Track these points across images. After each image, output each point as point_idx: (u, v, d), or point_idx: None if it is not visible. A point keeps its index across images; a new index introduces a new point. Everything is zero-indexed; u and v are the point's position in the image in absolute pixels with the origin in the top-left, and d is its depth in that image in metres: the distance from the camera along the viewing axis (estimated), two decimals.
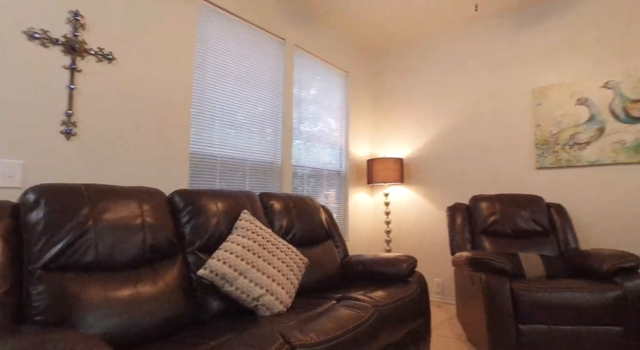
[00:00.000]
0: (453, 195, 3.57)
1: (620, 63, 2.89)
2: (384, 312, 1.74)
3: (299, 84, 3.33)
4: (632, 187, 2.79)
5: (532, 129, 3.22)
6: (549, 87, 3.14)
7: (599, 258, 2.23)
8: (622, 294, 2.05)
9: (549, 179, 3.11)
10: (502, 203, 2.84)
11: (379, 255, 2.34)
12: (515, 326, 2.07)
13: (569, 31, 3.09)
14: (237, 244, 1.68)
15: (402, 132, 3.97)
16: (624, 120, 2.85)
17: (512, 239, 2.73)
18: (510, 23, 3.37)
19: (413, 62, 3.94)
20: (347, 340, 1.43)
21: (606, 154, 2.89)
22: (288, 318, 1.55)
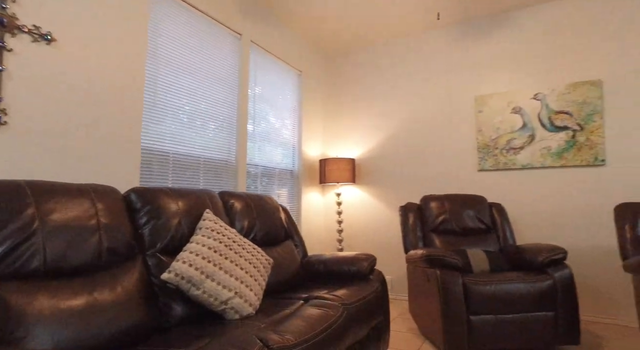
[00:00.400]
0: (402, 195, 3.73)
1: (546, 78, 3.22)
2: (351, 310, 1.76)
3: (255, 80, 3.25)
4: (556, 188, 3.13)
5: (474, 133, 3.47)
6: (490, 95, 3.42)
7: (534, 252, 2.47)
8: (552, 283, 2.28)
9: (490, 180, 3.37)
10: (450, 203, 3.02)
11: (339, 255, 2.36)
12: (467, 318, 2.22)
13: (506, 45, 3.39)
14: (202, 245, 1.59)
15: (354, 133, 4.06)
16: (550, 129, 3.19)
17: (460, 236, 2.91)
18: (457, 34, 3.60)
19: (366, 65, 4.05)
20: (322, 340, 1.42)
21: (536, 158, 3.21)
22: (258, 320, 1.50)
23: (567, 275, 2.32)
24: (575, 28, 3.15)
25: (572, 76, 3.15)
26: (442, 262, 2.31)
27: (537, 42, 3.28)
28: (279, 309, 1.66)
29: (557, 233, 3.10)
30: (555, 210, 3.12)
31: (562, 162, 3.12)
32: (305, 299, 1.84)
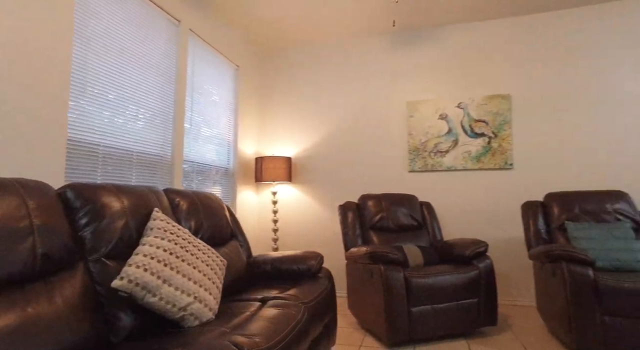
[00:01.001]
0: (338, 195, 3.82)
1: (467, 89, 3.59)
2: (311, 309, 1.76)
3: (193, 72, 3.06)
4: (475, 188, 3.50)
5: (406, 137, 3.71)
6: (420, 101, 3.68)
7: (461, 246, 2.73)
8: (478, 273, 2.56)
9: (419, 180, 3.64)
10: (386, 201, 3.19)
11: (287, 254, 2.34)
12: (408, 309, 2.37)
13: (434, 56, 3.69)
14: (156, 247, 1.45)
15: (290, 131, 4.05)
16: (470, 135, 3.55)
17: (395, 233, 3.09)
18: (392, 42, 3.81)
19: (304, 64, 4.07)
20: (290, 340, 1.40)
21: (459, 161, 3.55)
22: (220, 325, 1.42)
23: (489, 265, 2.61)
24: (490, 47, 3.56)
25: (487, 89, 3.55)
26: (386, 258, 2.43)
27: (460, 56, 3.63)
28: (238, 312, 1.59)
29: (478, 228, 3.47)
30: (475, 208, 3.49)
31: (479, 165, 3.50)
32: (261, 300, 1.79)
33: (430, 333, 2.40)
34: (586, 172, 3.27)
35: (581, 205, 2.81)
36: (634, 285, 2.09)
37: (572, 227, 2.66)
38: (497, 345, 2.39)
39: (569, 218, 2.78)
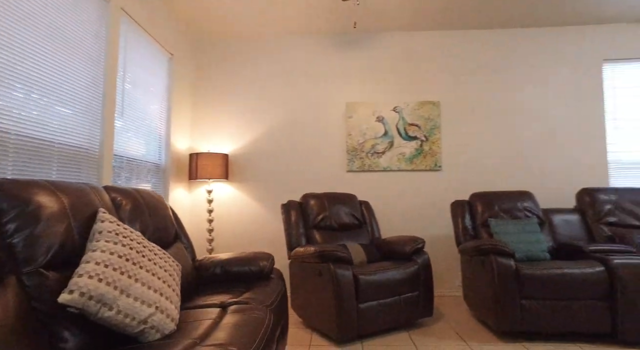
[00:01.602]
0: (277, 193, 3.76)
1: (403, 94, 3.80)
2: (274, 311, 1.70)
3: (124, 57, 2.74)
4: (409, 187, 3.72)
5: (344, 137, 3.80)
6: (359, 103, 3.80)
7: (401, 243, 2.89)
8: (417, 268, 2.72)
9: (357, 180, 3.75)
10: (328, 200, 3.22)
11: (236, 255, 2.24)
12: (357, 306, 2.42)
13: (374, 61, 3.83)
14: (110, 252, 1.27)
15: (227, 127, 3.87)
16: (405, 137, 3.77)
17: (337, 232, 3.14)
18: (335, 42, 3.86)
19: (244, 58, 3.92)
20: (264, 346, 1.34)
21: (394, 162, 3.75)
22: (185, 336, 1.30)
23: (427, 260, 2.80)
24: (424, 56, 3.82)
25: (420, 95, 3.80)
26: (335, 257, 2.46)
27: (397, 63, 3.83)
28: (199, 320, 1.47)
29: (411, 225, 3.69)
30: (409, 206, 3.71)
31: (412, 166, 3.73)
32: (220, 306, 1.68)
33: (376, 327, 2.49)
34: (502, 175, 3.69)
35: (499, 204, 3.16)
36: (545, 272, 2.42)
37: (493, 223, 2.98)
38: (435, 334, 2.57)
39: (490, 215, 3.11)
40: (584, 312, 2.39)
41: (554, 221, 3.14)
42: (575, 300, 2.40)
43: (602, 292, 2.40)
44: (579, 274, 2.40)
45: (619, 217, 3.08)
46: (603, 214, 3.10)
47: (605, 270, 2.42)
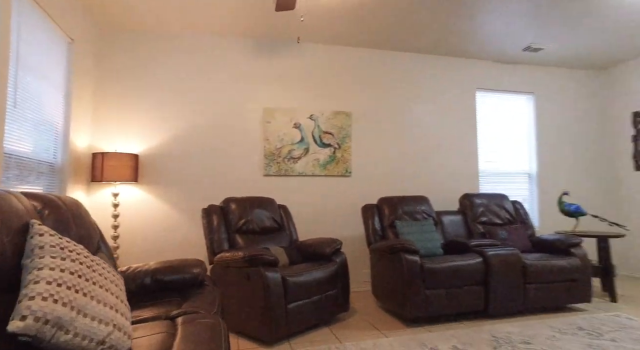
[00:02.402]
0: (192, 197, 3.62)
1: (319, 103, 4.03)
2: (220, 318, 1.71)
3: (17, 37, 2.36)
4: (323, 192, 3.96)
5: (262, 142, 3.85)
6: (277, 109, 3.89)
7: (321, 245, 3.08)
8: (336, 267, 2.96)
9: (274, 184, 3.84)
10: (250, 204, 3.25)
11: (164, 264, 2.14)
12: (285, 306, 2.53)
13: (293, 68, 3.98)
14: (60, 269, 1.15)
15: (136, 125, 3.58)
16: (320, 144, 4.01)
17: (259, 235, 3.19)
18: (256, 46, 3.88)
19: (157, 53, 3.66)
20: None
21: (309, 168, 3.95)
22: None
23: (344, 259, 3.05)
24: (340, 69, 4.11)
25: (334, 105, 4.08)
26: (264, 260, 2.53)
27: (314, 73, 4.04)
28: (150, 334, 1.42)
29: (325, 227, 3.93)
30: (324, 210, 3.95)
31: (326, 172, 3.99)
32: (168, 318, 1.62)
33: (302, 326, 2.63)
34: (403, 181, 4.19)
35: (402, 208, 3.61)
36: (442, 265, 2.88)
37: (399, 225, 3.40)
38: (352, 326, 2.83)
39: (396, 218, 3.52)
40: (468, 295, 2.92)
41: (444, 221, 3.72)
42: (463, 286, 2.92)
43: (480, 278, 2.96)
44: (466, 265, 2.92)
45: (488, 216, 3.80)
46: (478, 214, 3.78)
47: (482, 261, 2.99)
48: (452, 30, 3.79)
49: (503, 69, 4.66)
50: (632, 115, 4.66)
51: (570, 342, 2.44)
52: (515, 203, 3.96)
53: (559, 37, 3.98)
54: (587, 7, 3.34)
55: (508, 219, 3.80)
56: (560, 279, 3.11)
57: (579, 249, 3.25)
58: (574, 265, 3.15)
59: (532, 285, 3.05)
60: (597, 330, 2.67)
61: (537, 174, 4.67)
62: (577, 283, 3.15)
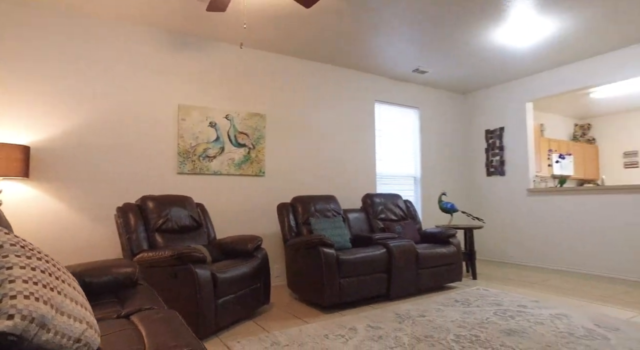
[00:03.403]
0: (97, 195, 3.32)
1: (235, 103, 4.09)
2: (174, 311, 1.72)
3: None
4: (239, 191, 4.02)
5: (176, 139, 3.74)
6: (192, 107, 3.82)
7: (243, 242, 3.18)
8: (259, 263, 3.10)
9: (188, 182, 3.76)
10: (169, 203, 3.16)
11: (92, 265, 2.02)
12: (215, 302, 2.58)
13: (211, 67, 3.95)
14: (31, 268, 1.09)
15: (26, 111, 3.12)
16: (235, 144, 4.06)
17: (179, 234, 3.13)
18: (174, 41, 3.73)
19: (55, 32, 3.24)
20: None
21: (224, 167, 3.97)
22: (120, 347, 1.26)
23: (265, 255, 3.21)
24: (256, 72, 4.22)
25: (250, 106, 4.18)
26: (193, 257, 2.54)
27: (232, 73, 4.07)
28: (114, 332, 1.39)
29: (244, 225, 3.99)
30: (238, 208, 4.00)
31: (241, 171, 4.06)
32: (121, 316, 1.57)
33: (229, 320, 2.71)
34: (313, 181, 4.51)
35: (315, 206, 3.91)
36: (354, 256, 3.26)
37: (313, 221, 3.69)
38: (275, 317, 3.00)
39: (309, 215, 3.81)
40: (374, 281, 3.36)
41: (349, 218, 4.15)
42: (370, 274, 3.35)
43: (384, 267, 3.43)
44: (373, 256, 3.36)
45: (386, 214, 4.37)
46: (378, 212, 4.32)
47: (386, 251, 3.48)
48: (357, 48, 4.27)
49: (397, 85, 5.37)
50: (485, 132, 5.84)
51: (451, 311, 3.04)
52: (407, 202, 4.64)
53: (438, 65, 4.81)
54: (457, 44, 4.14)
55: (402, 215, 4.43)
56: (442, 264, 3.81)
57: (455, 239, 4.01)
58: (452, 252, 3.88)
59: (423, 270, 3.66)
60: (466, 301, 3.36)
61: (421, 177, 5.51)
62: (453, 266, 3.89)
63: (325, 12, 3.44)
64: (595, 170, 7.91)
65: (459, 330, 2.63)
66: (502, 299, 3.41)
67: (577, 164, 7.56)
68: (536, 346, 2.33)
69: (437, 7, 3.35)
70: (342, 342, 2.43)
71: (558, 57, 4.58)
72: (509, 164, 5.47)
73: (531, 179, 5.24)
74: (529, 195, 5.17)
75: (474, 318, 2.88)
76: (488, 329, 2.65)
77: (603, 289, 3.84)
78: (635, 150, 7.56)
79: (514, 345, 2.34)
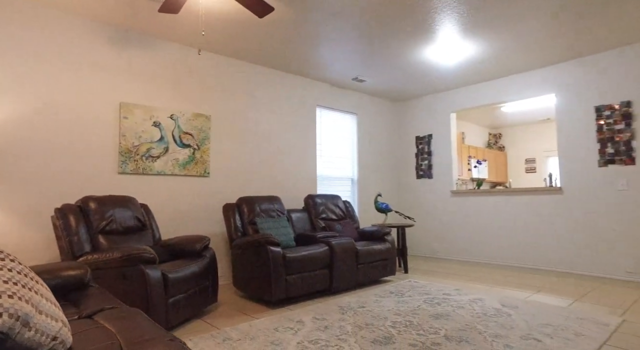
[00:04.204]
0: (30, 197, 3.10)
1: (180, 103, 4.05)
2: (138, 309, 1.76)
3: None
4: (184, 191, 3.99)
5: (117, 138, 3.62)
6: (135, 105, 3.72)
7: (190, 242, 3.21)
8: (208, 262, 3.15)
9: (130, 182, 3.65)
10: (112, 203, 3.07)
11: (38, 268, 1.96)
12: (166, 301, 2.60)
13: (155, 65, 3.87)
14: (7, 269, 1.12)
15: None
16: (179, 144, 4.03)
17: (123, 235, 3.06)
18: (114, 35, 3.59)
19: None
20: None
21: (168, 167, 3.92)
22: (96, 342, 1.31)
23: (213, 254, 3.27)
24: (202, 73, 4.22)
25: (195, 107, 4.17)
26: (144, 258, 2.54)
27: (178, 73, 4.03)
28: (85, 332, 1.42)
29: (188, 226, 3.96)
30: (183, 209, 3.97)
31: (185, 171, 4.04)
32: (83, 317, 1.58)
33: (180, 318, 2.74)
34: (257, 182, 4.60)
35: (260, 206, 4.03)
36: (300, 254, 3.45)
37: (259, 221, 3.81)
38: (224, 315, 3.08)
39: (255, 215, 3.92)
40: (318, 277, 3.58)
41: (293, 218, 4.33)
42: (314, 271, 3.56)
43: (327, 263, 3.67)
44: (317, 253, 3.58)
45: (327, 213, 4.63)
46: (319, 212, 4.56)
47: (328, 249, 3.72)
48: (302, 55, 4.47)
49: (337, 91, 5.67)
50: (415, 138, 6.40)
51: (388, 302, 3.37)
52: (346, 202, 4.94)
53: (375, 75, 5.19)
54: (392, 58, 4.54)
55: (341, 215, 4.72)
56: (379, 259, 4.15)
57: (389, 237, 4.39)
58: (387, 248, 4.24)
59: (361, 266, 3.97)
60: (400, 292, 3.73)
61: (358, 179, 5.87)
62: (388, 262, 4.26)
63: (275, 21, 3.59)
64: (504, 174, 9.00)
65: (395, 317, 2.95)
66: (430, 289, 3.84)
67: (491, 169, 8.55)
68: (458, 325, 2.72)
69: (375, 24, 3.67)
70: (292, 333, 2.61)
71: (476, 75, 5.21)
72: (435, 167, 6.06)
73: (454, 182, 5.86)
74: (452, 196, 5.79)
75: (407, 306, 3.23)
76: (419, 314, 3.00)
77: (510, 276, 4.47)
78: (534, 157, 8.76)
79: (440, 327, 2.71)
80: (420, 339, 2.49)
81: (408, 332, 2.61)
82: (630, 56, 4.21)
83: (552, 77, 4.82)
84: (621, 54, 4.28)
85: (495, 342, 2.41)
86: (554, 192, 4.74)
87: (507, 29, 3.79)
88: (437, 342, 2.43)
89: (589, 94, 4.51)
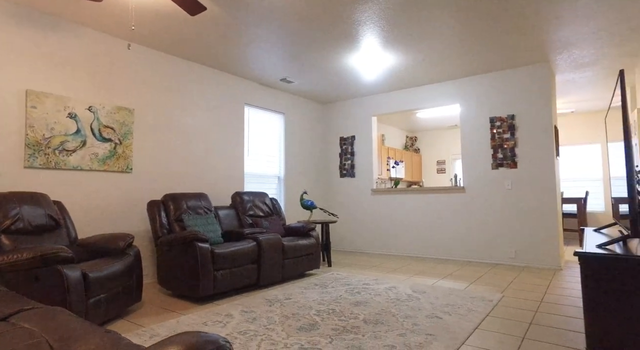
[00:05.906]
0: None
1: (100, 95, 3.82)
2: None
3: None
4: (103, 187, 3.78)
5: (24, 129, 3.32)
6: (46, 94, 3.44)
7: (113, 240, 3.09)
8: (132, 260, 3.07)
9: (39, 178, 3.37)
10: (18, 200, 2.83)
11: None
12: (86, 302, 2.49)
13: (70, 52, 3.60)
14: None
15: None
16: (99, 138, 3.81)
17: (34, 235, 2.84)
18: (18, 14, 3.26)
19: None
20: None
21: (86, 162, 3.69)
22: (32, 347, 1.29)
23: (138, 252, 3.19)
24: (125, 65, 4.02)
25: (117, 100, 3.97)
26: (60, 257, 2.41)
27: (97, 63, 3.79)
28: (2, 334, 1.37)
29: (108, 224, 3.75)
30: (102, 206, 3.75)
31: (105, 167, 3.83)
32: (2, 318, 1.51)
33: (100, 321, 2.65)
34: (184, 178, 4.51)
35: (187, 203, 3.99)
36: (228, 250, 3.50)
37: (186, 218, 3.78)
38: (149, 313, 3.03)
39: (182, 212, 3.87)
40: (246, 272, 3.67)
41: (220, 215, 4.34)
42: (242, 266, 3.64)
43: (254, 258, 3.78)
44: (245, 249, 3.67)
45: (254, 210, 4.71)
46: (247, 209, 4.63)
47: (256, 245, 3.82)
48: (232, 53, 4.50)
49: (265, 91, 5.76)
50: (340, 139, 6.76)
51: (312, 293, 3.59)
52: (272, 199, 5.07)
53: (303, 77, 5.40)
54: (319, 62, 4.80)
55: (268, 212, 4.84)
56: (304, 254, 4.36)
57: (314, 233, 4.62)
58: (312, 243, 4.47)
59: (287, 260, 4.14)
60: (324, 284, 3.98)
61: (284, 177, 6.03)
62: (313, 256, 4.49)
63: (206, 18, 3.58)
64: (419, 175, 9.86)
65: (319, 306, 3.17)
66: (351, 280, 4.15)
67: (407, 169, 9.32)
68: (375, 310, 3.03)
69: (305, 29, 3.87)
70: (221, 326, 2.68)
71: (395, 83, 5.70)
72: (358, 167, 6.47)
73: (374, 181, 6.33)
74: (373, 195, 6.24)
75: (330, 296, 3.48)
76: (341, 303, 3.27)
77: (421, 266, 5.00)
78: (444, 159, 9.75)
79: (360, 312, 2.99)
80: (341, 323, 2.74)
81: (331, 318, 2.85)
82: (513, 78, 5.00)
83: (457, 90, 5.48)
84: (506, 76, 5.05)
85: (406, 322, 2.75)
86: (458, 191, 5.40)
87: (419, 45, 4.24)
88: (357, 325, 2.70)
89: (485, 106, 5.22)
